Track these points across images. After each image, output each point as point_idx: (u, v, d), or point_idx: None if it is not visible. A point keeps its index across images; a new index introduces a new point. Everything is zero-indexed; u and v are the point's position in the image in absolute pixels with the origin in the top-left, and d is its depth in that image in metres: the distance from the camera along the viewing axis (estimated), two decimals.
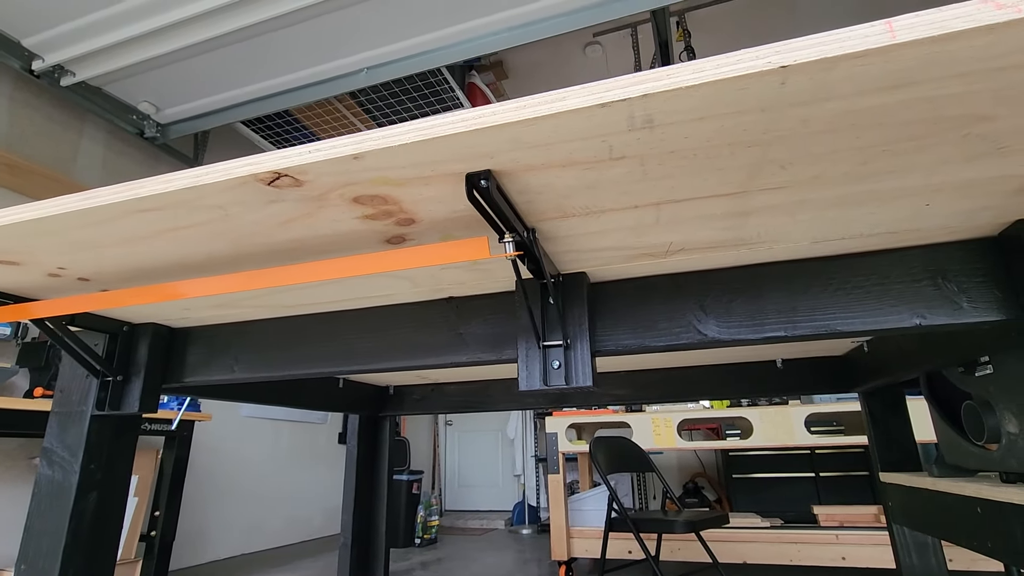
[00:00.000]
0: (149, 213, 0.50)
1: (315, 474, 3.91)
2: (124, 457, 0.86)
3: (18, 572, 0.77)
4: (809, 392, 1.26)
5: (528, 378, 0.63)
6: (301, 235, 0.56)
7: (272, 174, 0.44)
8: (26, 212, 0.50)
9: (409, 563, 3.40)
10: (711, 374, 1.36)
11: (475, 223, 0.53)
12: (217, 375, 0.84)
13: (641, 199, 0.49)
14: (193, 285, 0.58)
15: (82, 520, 0.78)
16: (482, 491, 5.49)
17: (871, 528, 2.39)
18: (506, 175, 0.44)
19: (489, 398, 1.56)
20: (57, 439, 0.82)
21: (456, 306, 0.74)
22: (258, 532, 3.34)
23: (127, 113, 2.60)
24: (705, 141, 0.40)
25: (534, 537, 4.29)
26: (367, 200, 0.48)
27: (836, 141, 0.41)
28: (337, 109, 2.72)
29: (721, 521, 2.12)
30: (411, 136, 0.39)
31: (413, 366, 0.74)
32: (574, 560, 2.75)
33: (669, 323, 0.65)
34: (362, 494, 1.57)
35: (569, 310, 0.65)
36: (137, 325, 0.86)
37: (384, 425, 1.68)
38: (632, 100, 0.35)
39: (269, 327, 0.83)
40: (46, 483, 0.80)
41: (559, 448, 2.83)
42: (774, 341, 0.62)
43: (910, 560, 1.14)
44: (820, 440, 2.53)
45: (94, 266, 0.62)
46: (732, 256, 0.63)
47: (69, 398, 0.84)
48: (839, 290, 0.60)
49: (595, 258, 0.63)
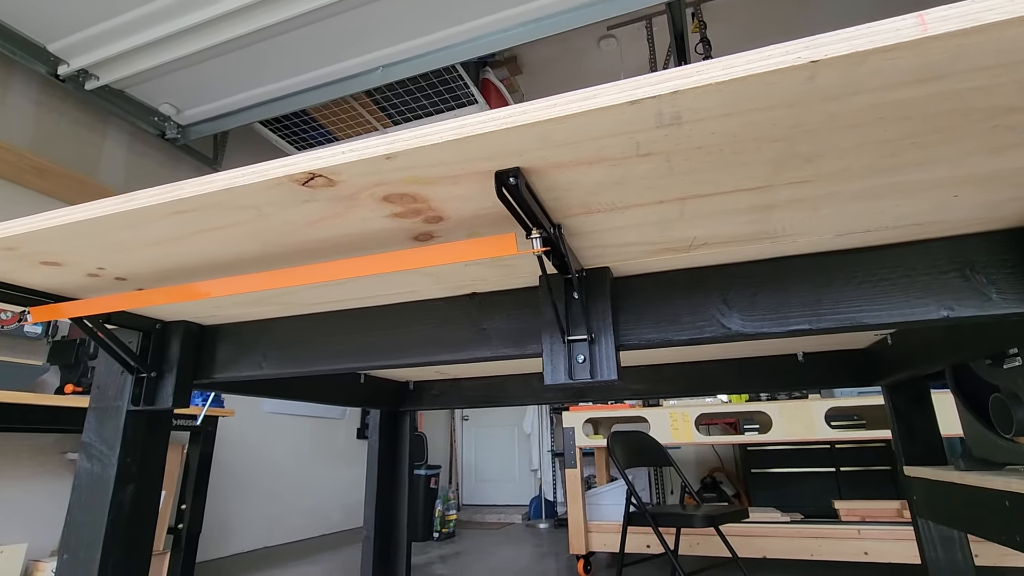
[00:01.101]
0: (186, 214, 0.52)
1: (334, 469, 3.97)
2: (158, 451, 0.89)
3: (61, 561, 0.80)
4: (831, 386, 1.25)
5: (553, 372, 0.64)
6: (330, 234, 0.57)
7: (307, 174, 0.45)
8: (70, 215, 0.52)
9: (428, 556, 3.44)
10: (730, 368, 1.36)
11: (501, 220, 0.54)
12: (246, 371, 0.86)
13: (666, 194, 0.49)
14: (226, 284, 0.60)
15: (120, 511, 0.81)
16: (499, 486, 5.52)
17: (894, 523, 2.36)
18: (534, 172, 0.45)
19: (506, 393, 1.57)
20: (95, 433, 0.84)
21: (479, 302, 0.76)
22: (279, 526, 3.40)
23: (149, 115, 2.65)
24: (731, 136, 0.40)
25: (551, 531, 4.31)
26: (397, 199, 0.49)
27: (863, 134, 0.41)
28: (353, 108, 2.74)
29: (741, 515, 2.12)
30: (443, 136, 0.40)
31: (437, 361, 0.75)
32: (592, 554, 2.76)
33: (692, 317, 0.65)
34: (384, 488, 1.60)
35: (593, 305, 0.66)
36: (169, 323, 0.89)
37: (404, 420, 1.70)
38: (662, 97, 0.36)
39: (296, 324, 0.85)
40: (86, 475, 0.83)
41: (576, 443, 2.84)
42: (799, 334, 0.62)
43: (935, 554, 1.13)
44: (841, 434, 2.51)
45: (131, 266, 0.64)
46: (755, 250, 0.63)
47: (106, 394, 0.86)
48: (864, 283, 0.60)
49: (618, 253, 0.63)
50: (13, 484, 2.10)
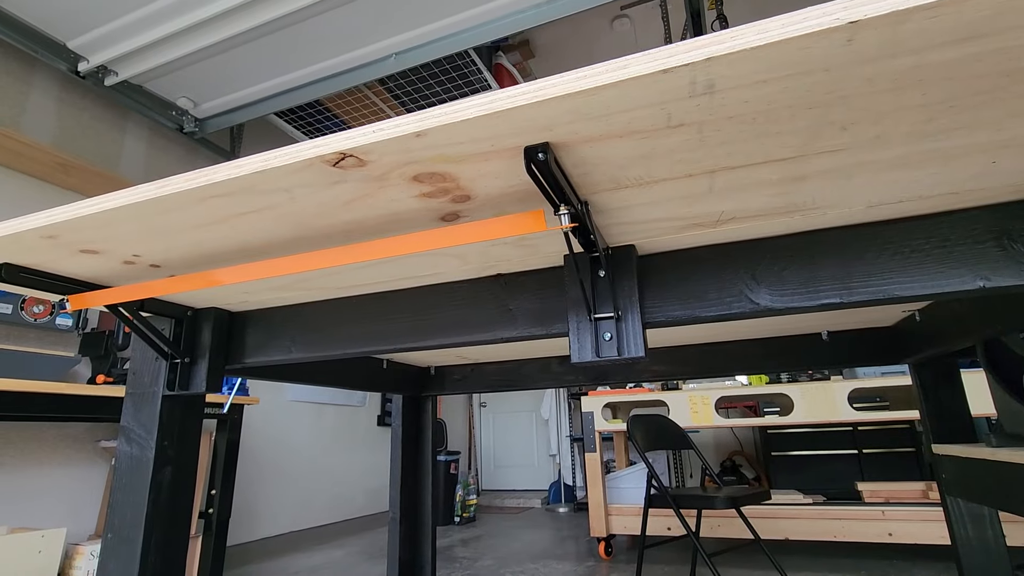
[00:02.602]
0: (219, 199, 0.53)
1: (356, 455, 4.04)
2: (192, 434, 0.91)
3: (105, 540, 0.83)
4: (857, 364, 1.24)
5: (580, 350, 0.65)
6: (359, 216, 0.58)
7: (338, 155, 0.46)
8: (108, 201, 0.53)
9: (450, 540, 3.49)
10: (753, 348, 1.35)
11: (528, 198, 0.54)
12: (276, 355, 0.87)
13: (695, 167, 0.49)
14: (259, 267, 0.61)
15: (160, 492, 0.83)
16: (518, 471, 5.57)
17: (919, 504, 2.34)
18: (563, 147, 0.45)
19: (527, 376, 1.58)
20: (133, 418, 0.87)
21: (504, 282, 0.76)
22: (305, 511, 3.48)
23: (167, 109, 2.68)
24: (766, 105, 0.40)
25: (571, 515, 4.35)
26: (426, 178, 0.50)
27: (901, 99, 0.40)
28: (367, 96, 2.75)
29: (762, 497, 2.11)
30: (473, 111, 0.41)
31: (464, 342, 0.76)
32: (612, 536, 2.78)
33: (719, 293, 0.65)
34: (408, 472, 1.62)
35: (619, 282, 0.66)
36: (200, 310, 0.91)
37: (426, 405, 1.72)
38: (695, 64, 0.35)
39: (323, 308, 0.86)
40: (126, 458, 0.85)
41: (595, 427, 2.85)
42: (829, 308, 0.61)
43: (965, 532, 1.12)
44: (864, 416, 2.48)
45: (165, 253, 0.66)
46: (783, 224, 0.62)
47: (141, 380, 0.89)
48: (897, 254, 0.59)
49: (644, 230, 0.63)
50: (51, 471, 2.17)
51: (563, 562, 2.74)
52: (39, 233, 0.58)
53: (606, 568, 2.58)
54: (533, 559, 2.83)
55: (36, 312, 2.11)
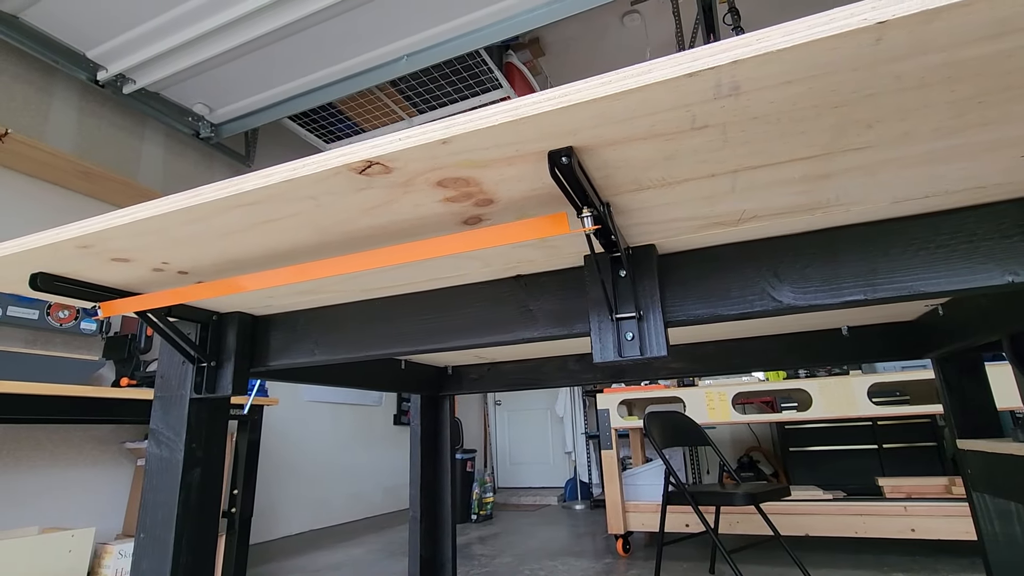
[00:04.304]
0: (248, 207, 0.54)
1: (373, 454, 4.07)
2: (219, 436, 0.93)
3: (138, 540, 0.85)
4: (878, 359, 1.23)
5: (602, 350, 0.65)
6: (383, 221, 0.58)
7: (364, 163, 0.46)
8: (140, 212, 0.55)
9: (468, 537, 3.52)
10: (771, 344, 1.34)
11: (550, 200, 0.55)
12: (300, 358, 0.89)
13: (718, 167, 0.49)
14: (285, 273, 0.63)
15: (189, 492, 0.85)
16: (533, 468, 5.58)
17: (942, 499, 2.31)
18: (586, 151, 0.46)
19: (544, 375, 1.59)
20: (162, 420, 0.89)
21: (524, 284, 0.76)
22: (324, 509, 3.52)
23: (183, 115, 2.72)
24: (791, 105, 0.40)
25: (587, 512, 4.35)
26: (450, 183, 0.50)
27: (929, 96, 0.40)
28: (379, 98, 2.76)
29: (782, 493, 2.10)
30: (499, 118, 0.41)
31: (485, 343, 0.77)
32: (630, 533, 2.78)
33: (742, 291, 0.65)
34: (427, 470, 1.64)
35: (640, 282, 0.66)
36: (225, 314, 0.92)
37: (444, 404, 1.74)
38: (721, 68, 0.35)
39: (345, 311, 0.87)
40: (156, 460, 0.87)
41: (611, 424, 2.85)
42: (853, 305, 0.61)
43: (991, 528, 1.11)
44: (884, 411, 2.45)
45: (193, 260, 0.67)
46: (806, 221, 0.62)
47: (169, 383, 0.91)
48: (922, 250, 0.59)
49: (665, 229, 0.63)
50: (79, 472, 2.22)
51: (581, 559, 2.74)
52: (74, 243, 0.60)
53: (624, 565, 2.58)
54: (551, 556, 2.84)
55: (61, 317, 2.15)
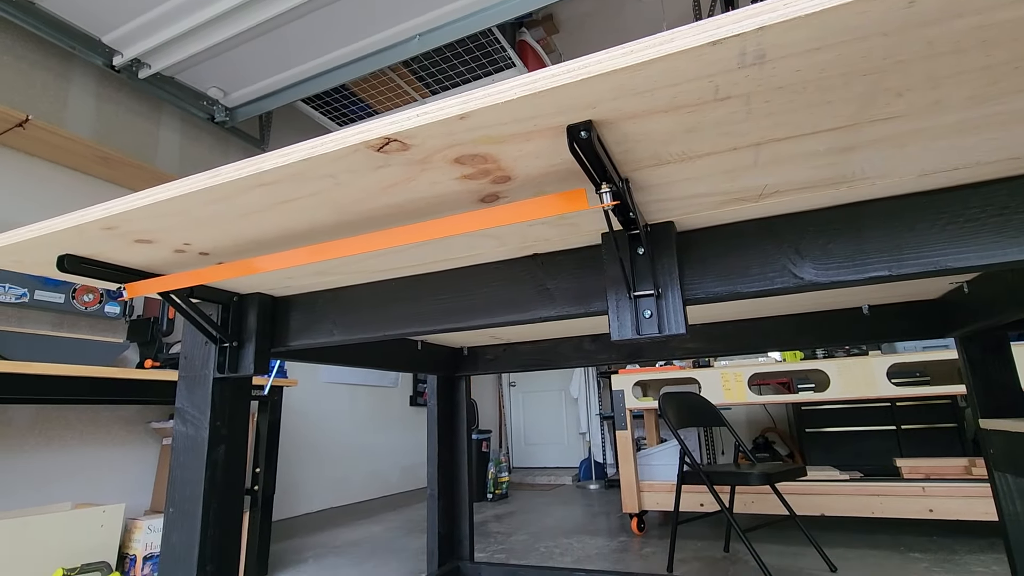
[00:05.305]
0: (268, 187, 0.54)
1: (390, 434, 4.14)
2: (242, 414, 0.95)
3: (167, 514, 0.87)
4: (899, 339, 1.21)
5: (620, 328, 0.65)
6: (400, 199, 0.58)
7: (382, 140, 0.46)
8: (163, 193, 0.55)
9: (484, 516, 3.57)
10: (789, 324, 1.33)
11: (568, 176, 0.54)
12: (319, 338, 0.90)
13: (741, 140, 0.48)
14: (304, 253, 0.63)
15: (215, 469, 0.88)
16: (548, 449, 5.63)
17: (962, 480, 2.29)
18: (605, 125, 0.45)
19: (559, 356, 1.59)
20: (187, 400, 0.91)
21: (541, 262, 0.76)
22: (343, 488, 3.60)
23: (198, 99, 2.73)
24: (818, 73, 0.39)
25: (602, 492, 4.39)
26: (467, 160, 0.50)
27: (962, 62, 0.38)
28: (391, 80, 2.75)
29: (797, 474, 2.10)
30: (516, 92, 0.40)
31: (502, 322, 0.77)
32: (645, 512, 2.80)
33: (762, 268, 0.64)
34: (444, 449, 1.66)
35: (659, 259, 0.65)
36: (245, 295, 0.94)
37: (460, 385, 1.75)
38: (746, 35, 0.35)
39: (363, 292, 0.88)
40: (182, 438, 0.90)
41: (626, 405, 2.86)
42: (877, 281, 0.60)
43: (1014, 509, 1.10)
44: (904, 391, 2.42)
45: (214, 241, 0.68)
46: (829, 196, 0.61)
47: (193, 363, 0.93)
48: (950, 224, 0.57)
49: (685, 206, 0.62)
50: (108, 451, 2.29)
51: (596, 537, 2.78)
52: (99, 225, 0.61)
53: (639, 543, 2.61)
54: (566, 534, 2.88)
55: (86, 301, 2.20)
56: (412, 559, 2.49)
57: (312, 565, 2.47)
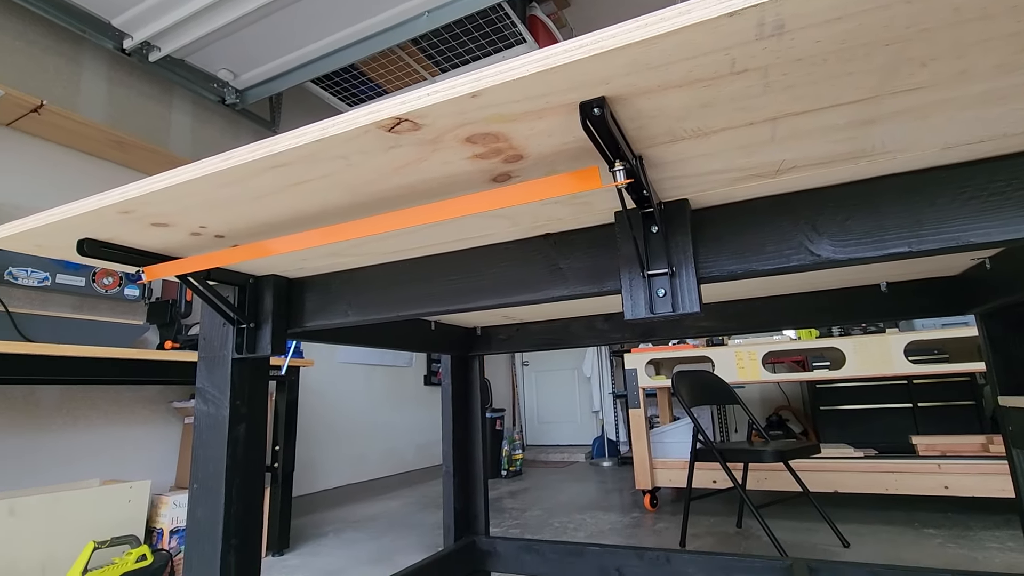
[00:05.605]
0: (281, 168, 0.54)
1: (405, 413, 4.20)
2: (261, 393, 0.97)
3: (192, 490, 0.90)
4: (918, 316, 1.19)
5: (634, 307, 0.65)
6: (411, 180, 0.58)
7: (393, 120, 0.46)
8: (178, 176, 0.56)
9: (498, 492, 3.63)
10: (805, 302, 1.31)
11: (580, 155, 0.54)
12: (334, 319, 0.91)
13: (757, 115, 0.47)
14: (318, 235, 0.63)
15: (236, 446, 0.90)
16: (561, 427, 5.68)
17: (978, 457, 2.28)
18: (619, 101, 0.44)
19: (572, 335, 1.59)
20: (207, 380, 0.93)
21: (554, 242, 0.76)
22: (360, 465, 3.67)
23: (208, 82, 2.73)
24: (839, 44, 0.38)
25: (615, 469, 4.44)
26: (479, 139, 0.50)
27: (990, 28, 0.37)
28: (401, 58, 2.72)
29: (811, 451, 2.10)
30: (529, 68, 0.40)
31: (514, 302, 0.77)
32: (657, 489, 2.83)
33: (778, 245, 0.63)
34: (459, 427, 1.69)
35: (672, 238, 0.65)
36: (260, 277, 0.95)
37: (474, 364, 1.77)
38: (764, 5, 0.34)
39: (376, 273, 0.89)
40: (203, 417, 0.92)
41: (639, 383, 2.87)
42: (896, 258, 0.59)
43: None
44: (921, 369, 2.40)
45: (229, 223, 0.69)
46: (848, 171, 0.60)
47: (212, 344, 0.94)
48: (973, 198, 0.56)
49: (699, 183, 0.62)
50: (131, 430, 2.36)
51: (609, 513, 2.82)
52: (116, 209, 0.62)
53: (651, 519, 2.64)
54: (580, 510, 2.92)
55: (106, 284, 2.24)
56: (428, 533, 2.55)
57: (332, 539, 2.54)
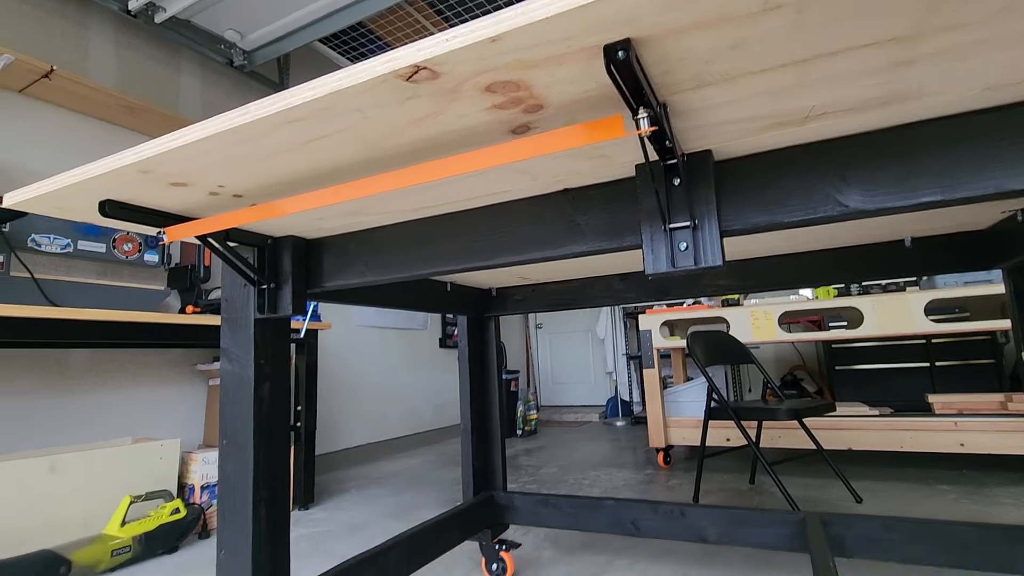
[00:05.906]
0: (296, 123, 0.54)
1: (421, 375, 4.28)
2: (283, 352, 0.99)
3: (222, 447, 0.93)
4: (942, 271, 1.17)
5: (655, 262, 0.64)
6: (429, 133, 0.57)
7: (411, 68, 0.45)
8: (193, 133, 0.55)
9: (514, 450, 3.72)
10: (825, 259, 1.29)
11: (601, 103, 0.52)
12: (352, 279, 0.92)
13: (789, 56, 0.45)
14: (336, 191, 0.63)
15: (262, 404, 0.92)
16: (575, 388, 5.76)
17: (995, 415, 2.27)
18: (645, 43, 0.42)
19: (587, 295, 1.59)
20: (231, 340, 0.95)
21: (572, 197, 0.75)
22: (380, 425, 3.77)
23: (215, 43, 2.69)
24: None
25: (628, 428, 4.51)
26: (499, 87, 0.48)
27: None
28: (410, 14, 2.64)
29: (826, 409, 2.10)
30: (551, 9, 0.38)
31: (533, 259, 0.77)
32: (671, 447, 2.87)
33: (804, 197, 0.62)
34: (476, 386, 1.71)
35: (695, 190, 0.64)
36: (279, 238, 0.95)
37: (489, 325, 1.78)
38: None
39: (393, 232, 0.89)
40: (229, 376, 0.94)
41: (653, 344, 2.88)
42: (927, 207, 0.57)
43: None
44: (942, 327, 2.37)
45: (246, 182, 0.69)
46: (880, 117, 0.57)
47: (234, 305, 0.96)
48: (1013, 144, 0.54)
49: (723, 132, 0.60)
50: (158, 391, 2.44)
51: (623, 470, 2.88)
52: (135, 168, 0.62)
53: (665, 476, 2.69)
54: (594, 467, 2.99)
55: (126, 250, 2.27)
56: (448, 489, 2.63)
57: (355, 494, 2.64)
